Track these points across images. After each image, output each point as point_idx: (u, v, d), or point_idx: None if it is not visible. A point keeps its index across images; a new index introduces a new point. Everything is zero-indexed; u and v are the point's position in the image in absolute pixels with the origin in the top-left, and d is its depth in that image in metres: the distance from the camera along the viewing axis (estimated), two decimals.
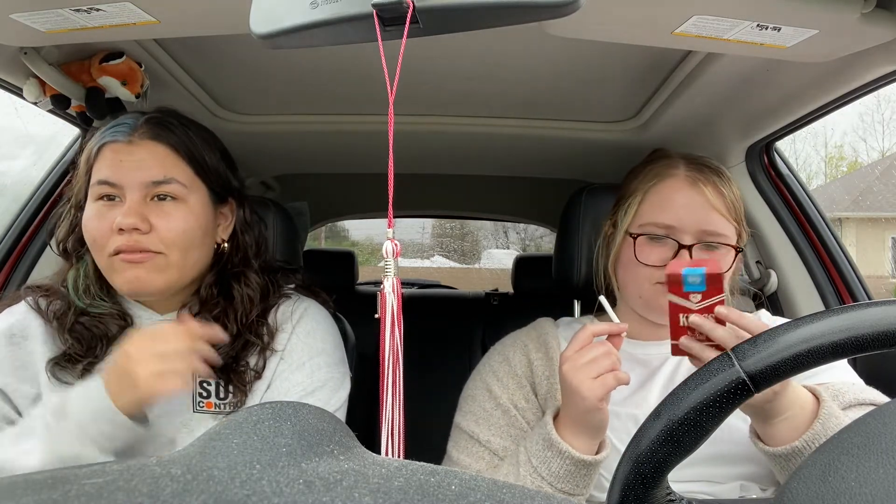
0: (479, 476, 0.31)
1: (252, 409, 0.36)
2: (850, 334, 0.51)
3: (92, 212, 0.88)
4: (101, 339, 0.90)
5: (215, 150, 0.96)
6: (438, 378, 1.33)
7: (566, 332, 1.09)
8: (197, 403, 0.92)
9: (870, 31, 0.77)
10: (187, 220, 0.89)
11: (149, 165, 0.87)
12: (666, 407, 0.55)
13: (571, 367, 0.81)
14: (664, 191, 0.98)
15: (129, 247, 0.85)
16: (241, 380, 0.92)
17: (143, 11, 0.78)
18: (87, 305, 0.91)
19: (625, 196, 1.03)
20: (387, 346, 0.54)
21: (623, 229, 1.00)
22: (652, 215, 0.97)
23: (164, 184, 0.87)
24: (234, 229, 0.99)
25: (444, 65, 1.12)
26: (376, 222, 2.87)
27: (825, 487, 0.42)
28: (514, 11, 0.49)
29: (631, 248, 0.97)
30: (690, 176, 0.97)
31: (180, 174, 0.89)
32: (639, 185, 1.01)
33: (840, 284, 1.39)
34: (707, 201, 0.95)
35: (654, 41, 0.84)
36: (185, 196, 0.89)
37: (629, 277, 1.00)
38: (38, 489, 0.26)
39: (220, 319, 0.93)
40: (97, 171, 0.88)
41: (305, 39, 0.52)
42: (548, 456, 0.84)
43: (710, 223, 0.95)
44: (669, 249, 0.95)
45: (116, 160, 0.87)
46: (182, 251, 0.89)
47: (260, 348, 0.94)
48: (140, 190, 0.86)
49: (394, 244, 0.53)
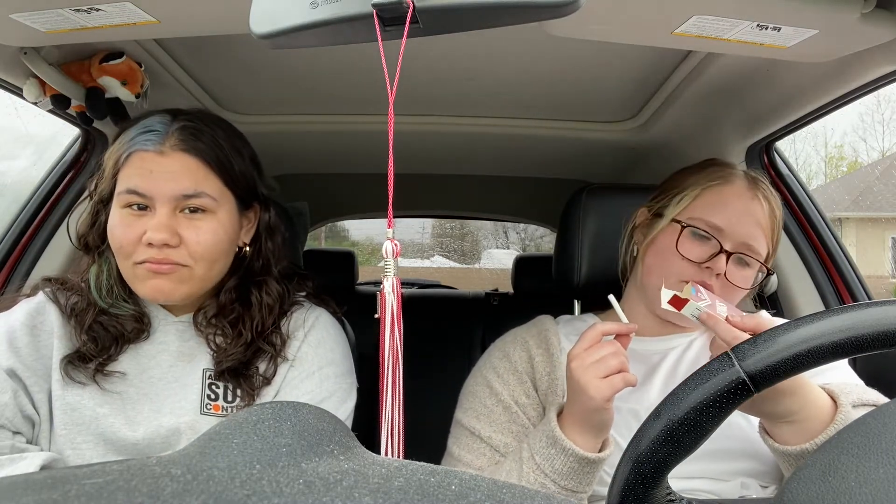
0: (479, 476, 0.31)
1: (252, 409, 0.36)
2: (850, 334, 0.51)
3: (118, 218, 0.86)
4: (116, 340, 0.91)
5: (245, 157, 0.93)
6: (438, 378, 1.33)
7: (566, 329, 1.09)
8: (205, 406, 0.92)
9: (870, 31, 0.77)
10: (216, 233, 0.88)
11: (180, 178, 0.85)
12: (666, 407, 0.55)
13: (579, 365, 0.81)
14: (724, 193, 0.98)
15: (157, 259, 0.85)
16: (251, 384, 0.92)
17: (143, 11, 0.78)
18: (110, 306, 0.91)
19: (677, 188, 1.02)
20: (387, 346, 0.54)
21: (670, 216, 0.99)
22: (705, 212, 0.97)
23: (194, 197, 0.86)
24: (257, 232, 0.97)
25: (444, 65, 1.12)
26: (376, 222, 2.87)
27: (825, 487, 0.42)
28: (514, 11, 0.49)
29: (674, 236, 0.96)
30: (752, 188, 0.98)
31: (210, 187, 0.87)
32: (698, 180, 1.00)
33: (840, 284, 1.39)
34: (761, 216, 0.96)
35: (654, 41, 0.84)
36: (215, 208, 0.88)
37: (659, 265, 0.99)
38: (38, 489, 0.26)
39: (237, 326, 0.93)
40: (126, 178, 0.86)
41: (305, 39, 0.52)
42: (551, 453, 0.84)
43: (754, 238, 0.95)
44: (710, 250, 0.95)
45: (146, 170, 0.84)
46: (208, 263, 0.89)
47: (271, 355, 0.94)
48: (170, 202, 0.85)
49: (394, 244, 0.53)
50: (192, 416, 0.90)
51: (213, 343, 0.93)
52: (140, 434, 0.88)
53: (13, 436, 0.85)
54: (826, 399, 0.80)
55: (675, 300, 0.82)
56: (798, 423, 0.78)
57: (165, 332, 0.94)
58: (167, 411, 0.90)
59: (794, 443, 0.78)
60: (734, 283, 0.94)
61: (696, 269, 0.94)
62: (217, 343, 0.93)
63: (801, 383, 0.77)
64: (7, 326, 0.88)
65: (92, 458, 0.88)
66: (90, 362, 0.88)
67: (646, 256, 1.02)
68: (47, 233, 1.38)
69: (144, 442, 0.89)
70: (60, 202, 1.40)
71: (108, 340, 0.90)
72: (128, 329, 0.91)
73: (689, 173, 1.04)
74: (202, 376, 0.93)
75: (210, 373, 0.93)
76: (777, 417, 0.79)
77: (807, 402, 0.77)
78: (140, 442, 0.89)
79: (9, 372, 0.85)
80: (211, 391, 0.92)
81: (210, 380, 0.93)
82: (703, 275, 0.94)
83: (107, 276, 0.92)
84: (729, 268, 0.94)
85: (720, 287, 0.94)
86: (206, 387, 0.92)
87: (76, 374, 0.88)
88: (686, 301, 0.81)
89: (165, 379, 0.92)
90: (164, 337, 0.94)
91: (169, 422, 0.89)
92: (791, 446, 0.78)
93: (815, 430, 0.77)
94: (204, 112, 0.93)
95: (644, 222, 1.05)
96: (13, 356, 0.86)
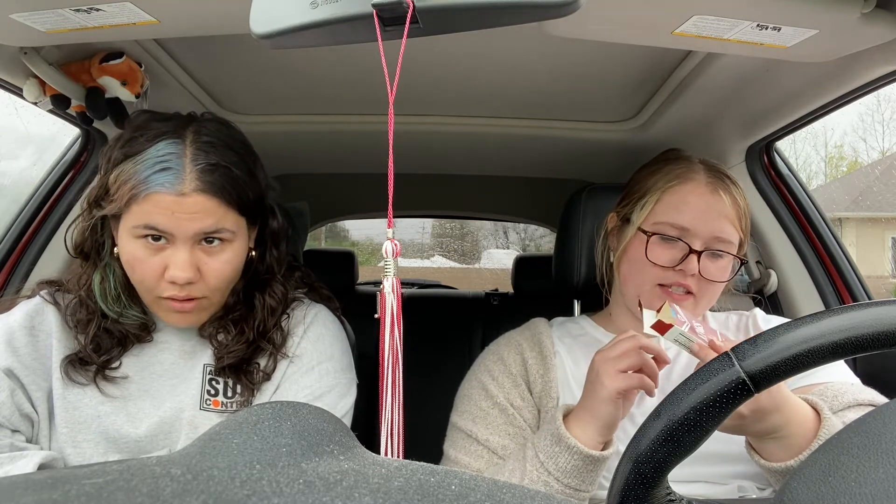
0: (479, 476, 0.31)
1: (252, 409, 0.36)
2: (850, 334, 0.51)
3: (135, 250, 0.85)
4: (120, 343, 0.91)
5: (256, 176, 0.91)
6: (438, 378, 1.32)
7: (560, 332, 1.09)
8: (204, 401, 0.92)
9: (870, 31, 0.77)
10: (232, 262, 0.89)
11: (201, 218, 0.84)
12: (666, 407, 0.55)
13: (602, 356, 0.84)
14: (683, 193, 0.98)
15: (180, 297, 0.86)
16: (251, 380, 0.92)
17: (143, 11, 0.78)
18: (119, 315, 0.91)
19: (639, 192, 1.03)
20: (386, 346, 0.54)
21: (636, 225, 1.00)
22: (668, 215, 0.97)
23: (214, 234, 0.86)
24: (262, 238, 0.97)
25: (444, 65, 1.12)
26: (376, 222, 2.87)
27: (825, 487, 0.42)
28: (514, 11, 0.49)
29: (642, 245, 0.97)
30: (711, 182, 0.98)
31: (229, 222, 0.87)
32: (657, 183, 1.01)
33: (840, 284, 1.39)
34: (723, 209, 0.96)
35: (654, 41, 0.84)
36: (233, 238, 0.88)
37: (633, 274, 1.00)
38: (38, 489, 0.26)
39: (239, 324, 0.94)
40: (142, 215, 0.83)
41: (305, 39, 0.52)
42: (556, 451, 0.84)
43: (723, 231, 0.96)
44: (679, 252, 0.95)
45: (168, 212, 0.82)
46: (223, 291, 0.91)
47: (270, 352, 0.94)
48: (191, 240, 0.84)
49: (394, 244, 0.53)
50: (192, 411, 0.91)
51: (216, 340, 0.94)
52: (142, 430, 0.89)
53: (12, 434, 0.86)
54: (809, 412, 0.79)
55: (658, 325, 0.81)
56: (783, 438, 0.77)
57: (168, 332, 0.95)
58: (168, 406, 0.91)
59: (779, 459, 0.78)
60: (710, 278, 0.95)
61: (670, 273, 0.96)
62: (219, 340, 0.94)
63: (784, 399, 0.76)
64: (6, 327, 0.88)
65: (93, 455, 0.88)
66: (91, 365, 0.89)
67: (620, 265, 1.03)
68: (47, 233, 1.38)
69: (146, 439, 0.89)
70: (60, 203, 1.40)
71: (112, 344, 0.90)
72: (132, 333, 0.92)
73: (649, 172, 1.04)
74: (202, 371, 0.93)
75: (210, 368, 0.93)
76: (762, 435, 0.79)
77: (790, 417, 0.77)
78: (142, 439, 0.89)
79: (6, 371, 0.85)
80: (211, 387, 0.93)
81: (210, 375, 0.93)
82: (678, 276, 0.95)
83: (112, 285, 0.91)
84: (703, 264, 0.95)
85: (697, 284, 0.95)
86: (207, 382, 0.93)
87: (76, 375, 0.89)
88: (669, 326, 0.81)
89: (166, 376, 0.93)
90: (166, 336, 0.95)
91: (169, 416, 0.90)
92: (776, 463, 0.78)
93: (799, 445, 0.77)
94: (214, 127, 0.89)
95: (615, 228, 1.06)
96: (11, 356, 0.86)
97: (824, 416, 0.78)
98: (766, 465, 0.80)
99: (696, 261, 0.94)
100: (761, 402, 0.74)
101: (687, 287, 0.95)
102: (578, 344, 1.07)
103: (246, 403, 0.92)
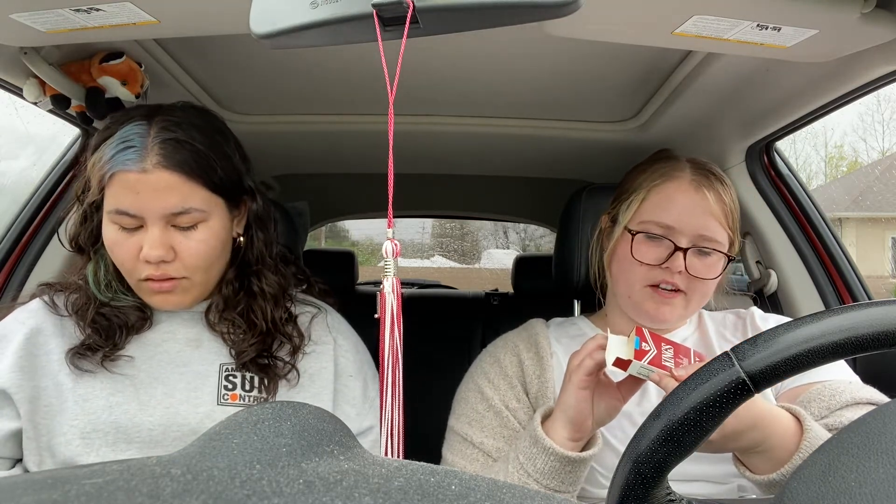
0: (479, 476, 0.31)
1: (252, 409, 0.36)
2: (850, 334, 0.51)
3: (112, 237, 0.87)
4: (121, 329, 0.92)
5: (228, 154, 0.92)
6: (438, 378, 1.32)
7: (557, 333, 1.09)
8: (221, 396, 0.92)
9: (870, 31, 0.77)
10: (208, 242, 0.89)
11: (166, 196, 0.84)
12: (666, 407, 0.55)
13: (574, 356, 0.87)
14: (668, 191, 0.98)
15: (157, 276, 0.87)
16: (275, 372, 0.94)
17: (143, 11, 0.78)
18: (110, 299, 0.93)
19: (627, 192, 1.03)
20: (386, 347, 0.54)
21: (623, 225, 1.00)
22: (653, 214, 0.98)
23: (183, 214, 0.86)
24: (248, 222, 0.98)
25: (444, 65, 1.12)
26: (376, 222, 2.87)
27: (825, 487, 0.42)
28: (514, 11, 0.49)
29: (628, 245, 0.98)
30: (695, 180, 0.98)
31: (197, 200, 0.87)
32: (643, 182, 1.01)
33: (840, 284, 1.39)
34: (708, 206, 0.96)
35: (654, 41, 0.84)
36: (205, 218, 0.88)
37: (622, 274, 1.00)
38: (38, 489, 0.26)
39: (247, 315, 0.95)
40: (112, 199, 0.85)
41: (305, 39, 0.52)
42: (533, 452, 0.85)
43: (708, 228, 0.96)
44: (665, 250, 0.96)
45: (133, 191, 0.84)
46: (205, 270, 0.91)
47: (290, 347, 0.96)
48: (160, 219, 0.85)
49: (394, 244, 0.53)
50: (210, 406, 0.91)
51: (230, 338, 0.94)
52: (156, 419, 0.88)
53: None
54: (790, 424, 0.77)
55: (618, 362, 0.79)
56: (765, 451, 0.76)
57: (170, 322, 0.96)
58: (182, 398, 0.90)
59: (764, 472, 0.77)
60: (697, 275, 0.95)
61: (657, 271, 0.96)
62: (233, 338, 0.94)
63: (762, 414, 0.75)
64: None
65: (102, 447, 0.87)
66: (97, 352, 0.89)
67: (611, 265, 1.04)
68: (47, 233, 1.38)
69: (159, 429, 0.88)
70: (60, 203, 1.40)
71: (113, 330, 0.91)
72: (131, 319, 0.92)
73: (639, 172, 1.05)
74: (219, 371, 0.93)
75: (228, 366, 0.94)
76: (743, 451, 0.78)
77: (770, 432, 0.75)
78: (155, 428, 0.88)
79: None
80: (228, 381, 0.93)
81: (227, 371, 0.94)
82: (665, 274, 0.95)
83: (104, 273, 0.93)
84: (690, 262, 0.95)
85: (686, 282, 0.95)
86: (224, 378, 0.93)
87: (83, 363, 0.89)
88: (629, 362, 0.79)
89: (175, 363, 0.93)
90: (169, 327, 0.95)
91: (185, 411, 0.89)
92: (761, 475, 0.78)
93: (781, 458, 0.76)
94: (181, 109, 0.91)
95: (607, 229, 1.07)
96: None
97: (806, 427, 0.76)
98: (753, 478, 0.79)
99: (683, 258, 0.94)
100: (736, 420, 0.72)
101: (675, 285, 0.95)
102: (575, 344, 1.07)
103: (270, 396, 0.93)
